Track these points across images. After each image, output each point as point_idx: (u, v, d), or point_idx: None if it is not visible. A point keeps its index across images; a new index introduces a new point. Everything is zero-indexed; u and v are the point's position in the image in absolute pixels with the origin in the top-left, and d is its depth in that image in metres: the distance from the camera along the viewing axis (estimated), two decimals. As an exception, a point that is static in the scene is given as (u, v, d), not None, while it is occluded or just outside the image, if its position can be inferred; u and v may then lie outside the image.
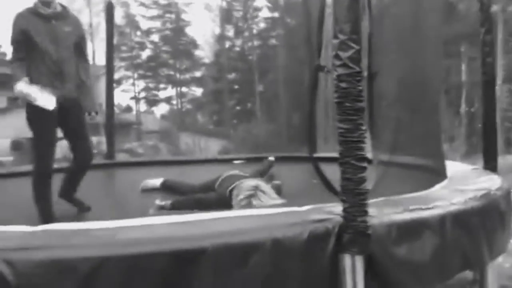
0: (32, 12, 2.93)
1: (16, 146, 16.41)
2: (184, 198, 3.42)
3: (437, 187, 2.58)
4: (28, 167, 3.58)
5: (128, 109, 32.14)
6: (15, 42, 2.92)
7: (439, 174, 2.85)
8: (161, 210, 3.17)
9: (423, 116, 2.93)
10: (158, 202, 3.24)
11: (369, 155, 1.82)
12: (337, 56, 1.67)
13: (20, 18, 2.92)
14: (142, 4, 29.54)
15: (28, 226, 1.77)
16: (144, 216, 1.98)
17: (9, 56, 3.06)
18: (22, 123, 3.10)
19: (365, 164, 1.70)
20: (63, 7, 3.08)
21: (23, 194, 2.97)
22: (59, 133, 3.12)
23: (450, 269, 2.13)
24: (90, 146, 3.26)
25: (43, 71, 2.90)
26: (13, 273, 1.46)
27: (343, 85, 1.67)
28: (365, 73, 2.05)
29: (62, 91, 2.97)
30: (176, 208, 3.20)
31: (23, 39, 2.89)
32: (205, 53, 31.72)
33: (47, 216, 2.80)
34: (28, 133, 3.05)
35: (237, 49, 30.39)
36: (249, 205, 3.00)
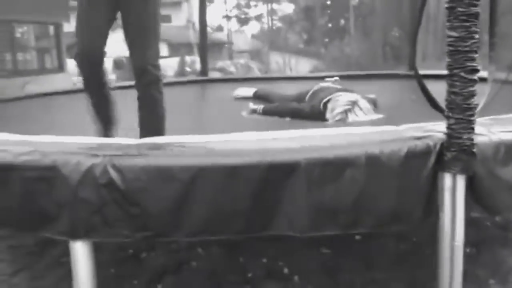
0: None
1: (118, 64, 17.38)
2: (277, 105, 3.44)
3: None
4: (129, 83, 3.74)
5: (220, 28, 32.29)
6: None
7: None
8: (253, 113, 3.23)
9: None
10: (251, 105, 3.31)
11: (484, 72, 1.64)
12: (451, -47, 1.47)
13: None
14: None
15: (133, 138, 1.89)
16: (236, 121, 1.99)
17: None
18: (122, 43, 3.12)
19: (475, 77, 1.54)
20: None
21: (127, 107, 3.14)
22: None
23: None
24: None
25: None
26: (121, 178, 1.57)
27: (456, -13, 1.48)
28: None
29: None
30: (268, 113, 3.24)
31: None
32: (297, -33, 30.39)
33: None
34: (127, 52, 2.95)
35: (331, -40, 28.65)
36: (344, 119, 2.95)
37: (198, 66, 7.17)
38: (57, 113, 4.07)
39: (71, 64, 11.44)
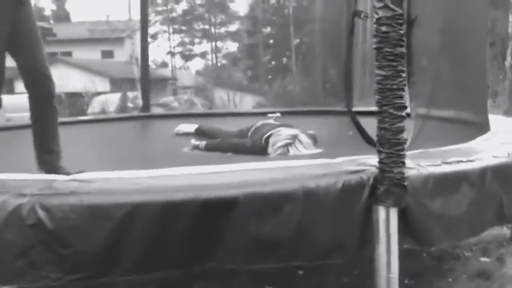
0: None
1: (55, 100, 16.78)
2: (219, 141, 3.44)
3: (479, 139, 2.47)
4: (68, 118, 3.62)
5: (164, 64, 32.30)
6: None
7: (482, 128, 2.73)
8: (195, 149, 3.21)
9: (467, 68, 2.78)
10: (193, 141, 3.29)
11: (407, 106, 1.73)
12: (377, -2, 1.57)
13: None
14: (177, -44, 29.08)
15: (64, 175, 1.81)
16: (177, 158, 1.98)
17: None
18: (61, 78, 3.04)
19: (403, 113, 1.63)
20: None
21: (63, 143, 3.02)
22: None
23: (484, 223, 2.07)
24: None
25: None
26: (50, 218, 1.49)
27: (383, 28, 1.57)
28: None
29: None
30: (210, 149, 3.23)
31: None
32: (240, 7, 31.20)
33: None
34: (67, 88, 2.82)
35: (273, 1, 29.68)
36: (285, 154, 2.99)
37: (140, 101, 7.09)
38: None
39: (6, 101, 10.91)
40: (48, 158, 2.41)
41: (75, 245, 1.51)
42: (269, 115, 4.41)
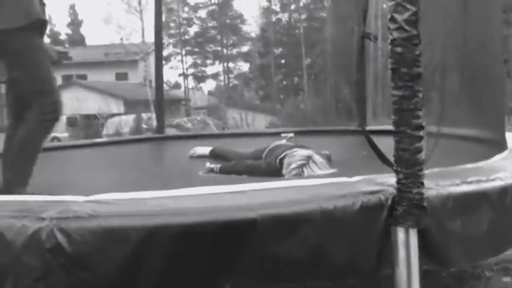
0: None
1: (71, 122, 17.10)
2: (233, 163, 3.45)
3: (497, 158, 2.44)
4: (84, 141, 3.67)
5: (177, 85, 32.68)
6: None
7: (500, 146, 2.70)
8: (210, 172, 3.22)
9: (483, 85, 2.76)
10: (208, 164, 3.31)
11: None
12: (392, 19, 1.58)
13: None
14: (189, -20, 29.63)
15: (81, 196, 1.82)
16: (193, 180, 1.98)
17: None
18: (76, 100, 3.14)
19: (421, 133, 1.62)
20: None
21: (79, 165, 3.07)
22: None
23: (505, 242, 2.03)
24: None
25: None
26: (68, 242, 1.50)
27: (399, 49, 1.57)
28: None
29: None
30: (225, 172, 3.24)
31: None
32: (251, 28, 31.58)
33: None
34: (82, 110, 3.01)
35: (284, 22, 29.99)
36: (300, 174, 2.98)
37: (154, 123, 7.16)
38: None
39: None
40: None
41: (94, 269, 1.51)
42: (283, 134, 4.42)
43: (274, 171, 3.12)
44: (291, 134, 4.18)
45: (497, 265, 2.74)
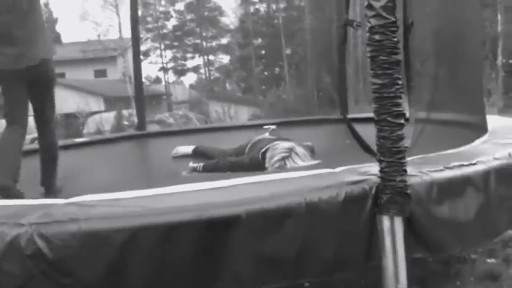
0: None
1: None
2: (216, 161, 3.43)
3: (478, 142, 2.45)
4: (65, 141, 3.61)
5: (157, 80, 32.37)
6: None
7: (480, 129, 2.72)
8: (194, 171, 3.20)
9: (463, 70, 2.77)
10: (191, 164, 3.28)
11: (406, 113, 1.72)
12: (369, 6, 1.56)
13: None
14: (165, -27, 29.26)
15: (60, 199, 1.78)
16: (176, 179, 1.96)
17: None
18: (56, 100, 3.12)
19: (402, 121, 1.61)
20: None
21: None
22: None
23: (496, 227, 2.04)
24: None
25: None
26: (49, 247, 1.46)
27: (377, 37, 1.56)
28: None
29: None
30: (208, 170, 3.22)
31: None
32: (230, 19, 31.38)
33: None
34: (62, 110, 3.12)
35: (262, 13, 29.86)
36: (283, 167, 2.97)
37: (135, 119, 7.06)
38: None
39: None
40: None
41: (76, 273, 1.48)
42: (265, 127, 4.40)
43: (257, 166, 3.11)
44: (273, 127, 4.16)
45: (482, 247, 2.77)
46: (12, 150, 2.74)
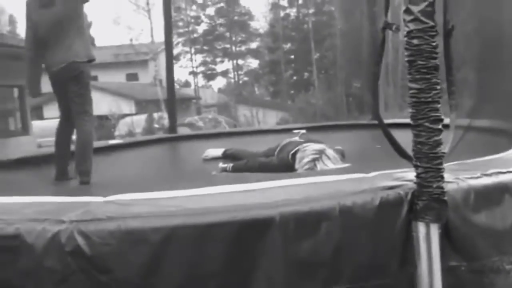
0: None
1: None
2: (245, 161, 3.46)
3: (515, 149, 2.39)
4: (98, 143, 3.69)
5: (187, 84, 32.73)
6: None
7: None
8: (223, 171, 3.22)
9: (504, 75, 2.71)
10: (221, 164, 3.32)
11: (443, 118, 1.69)
12: (407, 11, 1.55)
13: None
14: (196, -22, 29.59)
15: (100, 197, 1.82)
16: (207, 180, 1.97)
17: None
18: None
19: (440, 126, 1.59)
20: None
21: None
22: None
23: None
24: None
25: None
26: (88, 244, 1.50)
27: (415, 41, 1.54)
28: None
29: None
30: (238, 170, 3.24)
31: None
32: (260, 24, 31.48)
33: None
34: (95, 112, 3.36)
35: (292, 17, 29.86)
36: (313, 169, 2.96)
37: (166, 122, 7.16)
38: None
39: (36, 127, 11.30)
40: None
41: (113, 271, 1.51)
42: (295, 131, 4.39)
43: (287, 166, 3.11)
44: (303, 131, 4.16)
45: (518, 258, 2.69)
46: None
